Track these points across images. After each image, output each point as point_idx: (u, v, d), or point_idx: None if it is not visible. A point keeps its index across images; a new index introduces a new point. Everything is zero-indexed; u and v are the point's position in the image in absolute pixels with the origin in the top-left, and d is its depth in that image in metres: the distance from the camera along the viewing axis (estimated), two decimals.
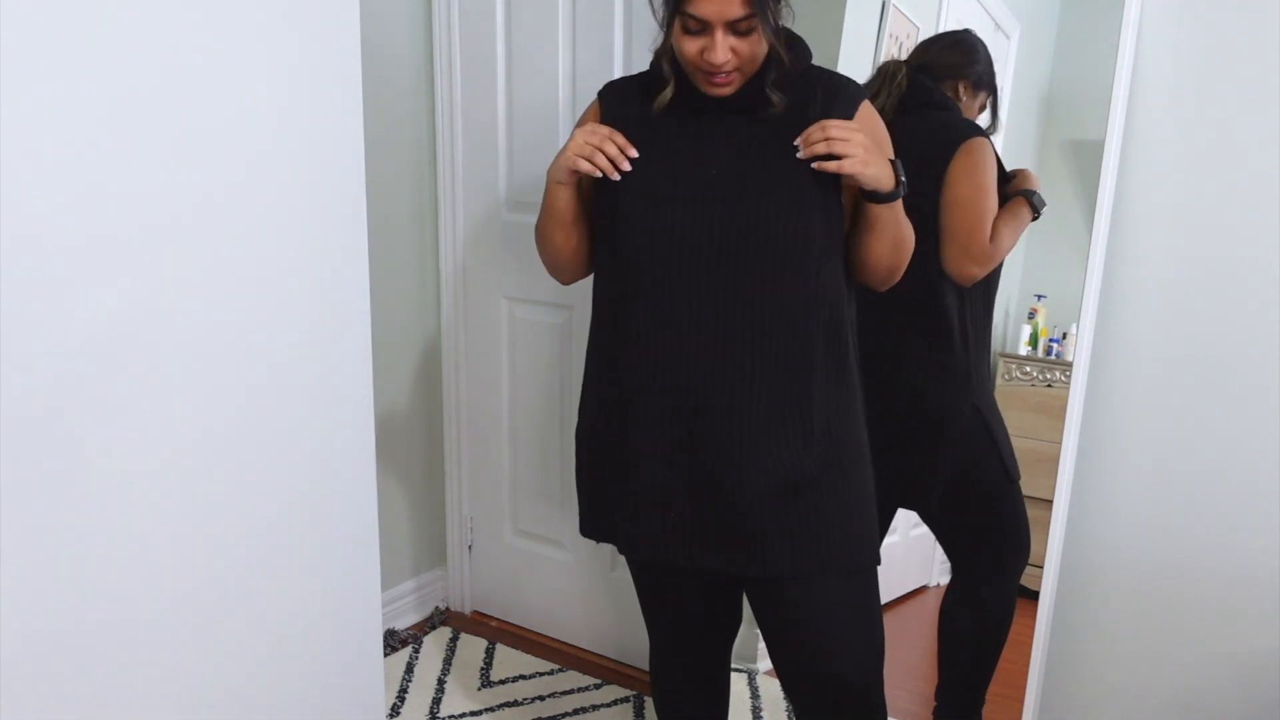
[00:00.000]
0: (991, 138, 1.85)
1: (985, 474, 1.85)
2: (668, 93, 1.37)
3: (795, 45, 1.40)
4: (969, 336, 1.81)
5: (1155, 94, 1.68)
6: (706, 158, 1.36)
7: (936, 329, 1.81)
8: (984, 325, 1.88)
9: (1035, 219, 1.81)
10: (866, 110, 1.41)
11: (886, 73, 1.86)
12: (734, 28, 1.27)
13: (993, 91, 1.88)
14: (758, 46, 1.30)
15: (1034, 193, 1.80)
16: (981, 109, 1.88)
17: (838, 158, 1.29)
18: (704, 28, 1.27)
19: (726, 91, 1.33)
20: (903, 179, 1.35)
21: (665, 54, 1.37)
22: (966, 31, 1.92)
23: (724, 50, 1.27)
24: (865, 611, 1.44)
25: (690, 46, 1.29)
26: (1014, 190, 1.80)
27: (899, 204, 1.38)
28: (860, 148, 1.29)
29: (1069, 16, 2.00)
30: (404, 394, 2.47)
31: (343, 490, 1.62)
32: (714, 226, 1.33)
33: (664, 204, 1.35)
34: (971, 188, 1.75)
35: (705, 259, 1.34)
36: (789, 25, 1.37)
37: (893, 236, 1.40)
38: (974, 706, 1.96)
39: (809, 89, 1.38)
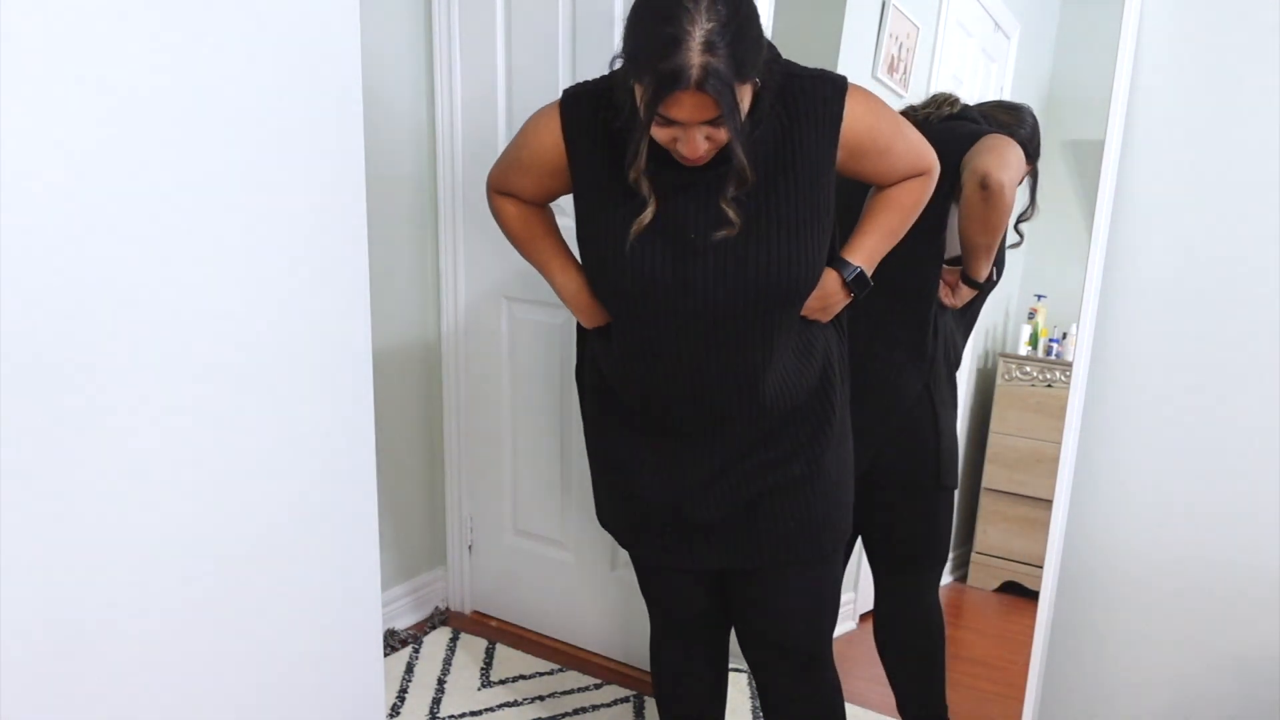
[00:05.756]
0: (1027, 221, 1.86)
1: (915, 466, 1.82)
2: (640, 162, 1.27)
3: (769, 71, 1.30)
4: (938, 327, 1.79)
5: (1155, 94, 1.68)
6: (686, 215, 1.32)
7: (919, 306, 1.78)
8: (954, 332, 1.85)
9: (1031, 169, 1.80)
10: (853, 99, 1.34)
11: (941, 98, 1.84)
12: (708, 121, 1.22)
13: (1034, 167, 1.84)
14: (731, 130, 1.24)
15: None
16: (1022, 179, 1.85)
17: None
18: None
19: (702, 161, 1.28)
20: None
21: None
22: (1024, 104, 1.90)
23: (699, 144, 1.23)
24: (821, 589, 1.54)
25: (664, 135, 1.25)
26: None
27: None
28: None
29: (1069, 16, 2.00)
30: (404, 394, 2.47)
31: (343, 490, 1.62)
32: (702, 288, 1.32)
33: (647, 265, 1.33)
34: (992, 138, 1.72)
35: (695, 316, 1.34)
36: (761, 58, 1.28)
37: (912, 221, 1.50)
38: (937, 711, 1.96)
39: (790, 101, 1.32)
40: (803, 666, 1.57)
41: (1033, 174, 1.85)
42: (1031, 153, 1.83)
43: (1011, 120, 1.84)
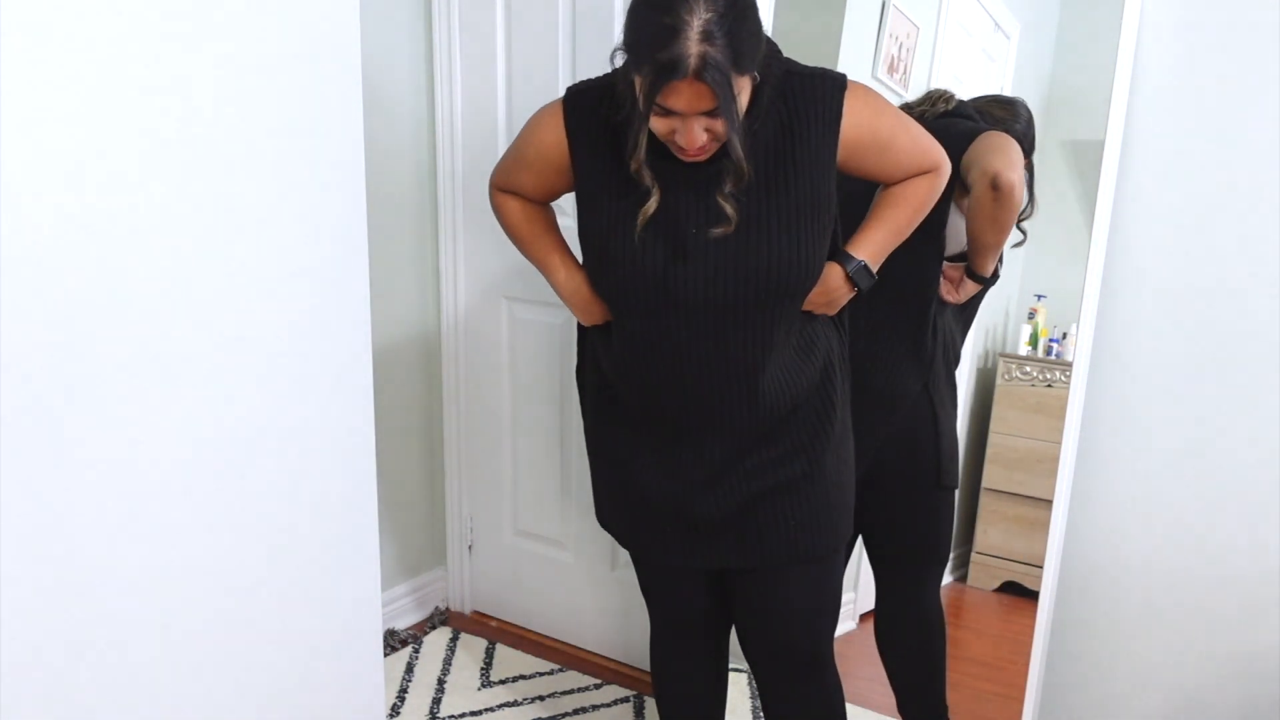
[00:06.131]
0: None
1: (915, 467, 1.82)
2: (640, 153, 1.29)
3: (768, 70, 1.31)
4: (938, 328, 1.79)
5: (1155, 94, 1.68)
6: (688, 211, 1.33)
7: (920, 309, 1.78)
8: (953, 332, 1.84)
9: (1026, 164, 1.80)
10: (853, 96, 1.35)
11: (936, 95, 1.83)
12: (706, 112, 1.23)
13: (1030, 162, 1.84)
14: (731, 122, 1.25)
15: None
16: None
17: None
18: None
19: (703, 157, 1.29)
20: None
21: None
22: (1018, 98, 1.91)
23: (698, 135, 1.24)
24: (821, 588, 1.54)
25: (663, 126, 1.26)
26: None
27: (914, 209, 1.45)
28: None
29: (1069, 16, 2.00)
30: (404, 394, 2.47)
31: (343, 490, 1.62)
32: (703, 286, 1.33)
33: (647, 265, 1.34)
34: (992, 137, 1.72)
35: (695, 314, 1.35)
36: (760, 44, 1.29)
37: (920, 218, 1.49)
38: (937, 712, 1.96)
39: (790, 98, 1.33)
40: (803, 667, 1.57)
41: (1029, 168, 1.85)
42: (1027, 147, 1.83)
43: (1007, 115, 1.84)
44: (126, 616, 1.35)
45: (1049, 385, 2.05)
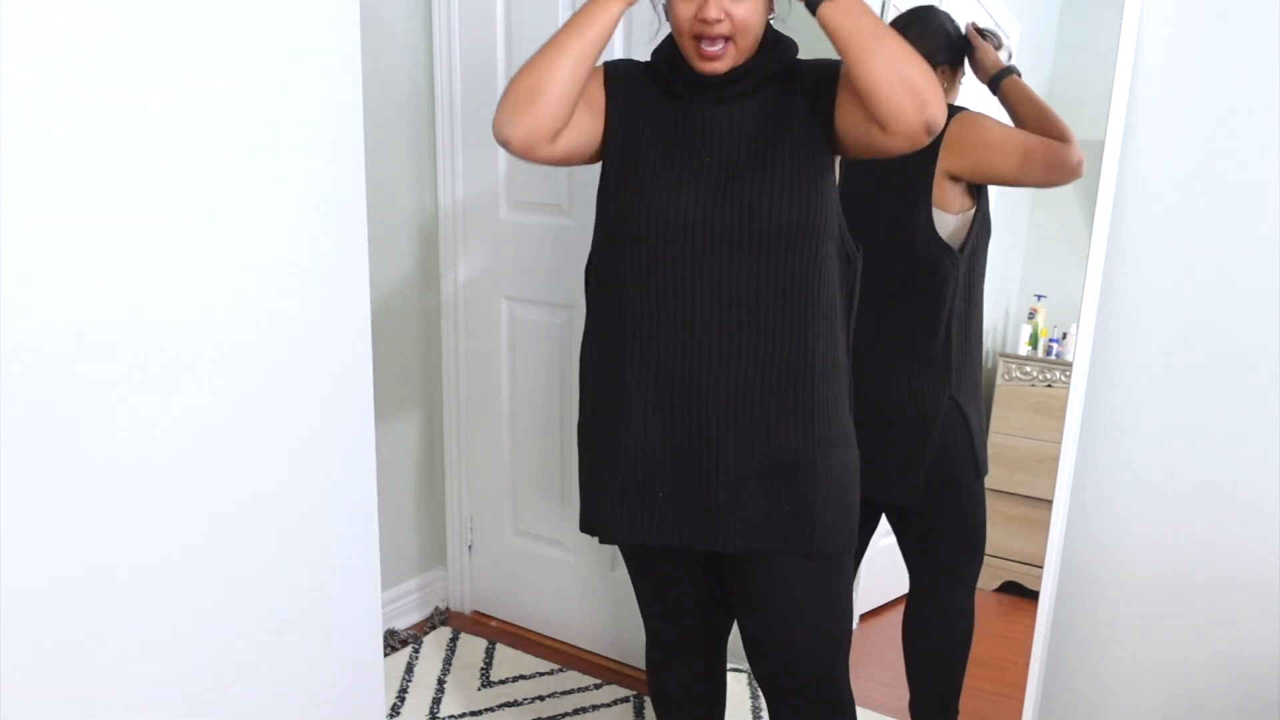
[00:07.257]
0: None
1: (956, 467, 1.83)
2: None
3: (782, 41, 1.43)
4: (952, 329, 1.80)
5: (1155, 94, 1.68)
6: (701, 144, 1.40)
7: (928, 319, 1.78)
8: (967, 319, 1.85)
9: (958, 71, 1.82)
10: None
11: None
12: None
13: (957, 60, 1.83)
14: (751, 14, 1.33)
15: (1011, 69, 1.79)
16: (951, 82, 1.83)
17: None
18: None
19: (720, 67, 1.36)
20: None
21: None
22: (920, 8, 1.88)
23: (716, 8, 1.31)
24: (829, 597, 1.47)
25: (685, 9, 1.33)
26: (991, 75, 1.79)
27: (849, 6, 1.30)
28: None
29: (1069, 16, 2.00)
30: (404, 394, 2.47)
31: (343, 490, 1.62)
32: (710, 212, 1.37)
33: (660, 189, 1.39)
34: (991, 130, 1.73)
35: (701, 244, 1.37)
36: (776, 21, 1.41)
37: (866, 46, 1.29)
38: (948, 717, 1.96)
39: (796, 78, 1.42)
40: (813, 691, 1.50)
41: (956, 64, 1.83)
42: (954, 55, 1.82)
43: (919, 34, 1.76)
44: (126, 614, 1.35)
45: (1049, 385, 2.05)
